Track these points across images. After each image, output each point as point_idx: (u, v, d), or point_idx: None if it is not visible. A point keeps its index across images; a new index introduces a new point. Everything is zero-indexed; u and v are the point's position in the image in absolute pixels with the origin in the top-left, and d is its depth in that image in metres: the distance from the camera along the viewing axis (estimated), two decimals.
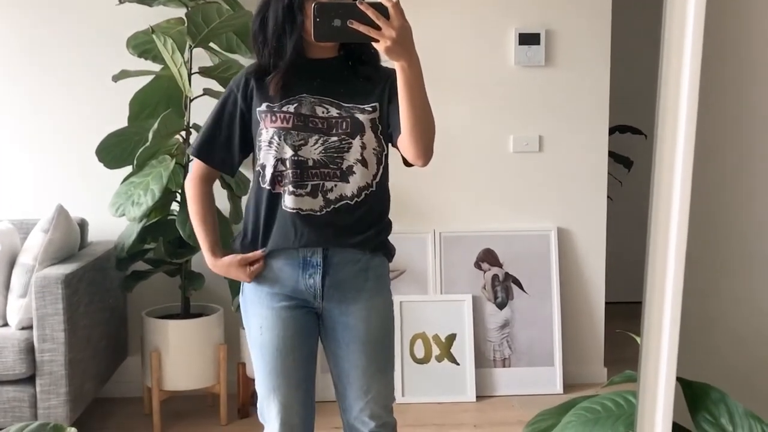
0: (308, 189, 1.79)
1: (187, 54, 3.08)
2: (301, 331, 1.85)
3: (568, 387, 3.48)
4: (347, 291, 1.84)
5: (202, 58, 3.22)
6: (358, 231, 1.82)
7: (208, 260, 1.93)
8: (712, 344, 1.47)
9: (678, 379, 1.15)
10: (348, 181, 1.79)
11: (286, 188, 1.79)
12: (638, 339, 1.42)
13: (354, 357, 1.86)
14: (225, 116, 1.86)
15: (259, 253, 1.84)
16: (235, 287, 3.17)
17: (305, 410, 1.89)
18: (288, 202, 1.79)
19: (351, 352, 1.86)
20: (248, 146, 1.88)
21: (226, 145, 1.87)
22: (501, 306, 3.52)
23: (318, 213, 1.79)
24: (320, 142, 1.78)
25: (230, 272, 1.88)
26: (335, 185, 1.79)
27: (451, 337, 3.45)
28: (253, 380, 3.20)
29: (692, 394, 1.32)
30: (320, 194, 1.79)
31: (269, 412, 1.87)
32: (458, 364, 3.43)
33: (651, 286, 1.12)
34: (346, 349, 1.86)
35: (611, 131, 3.72)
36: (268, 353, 1.85)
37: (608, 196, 3.66)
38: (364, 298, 1.85)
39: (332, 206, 1.79)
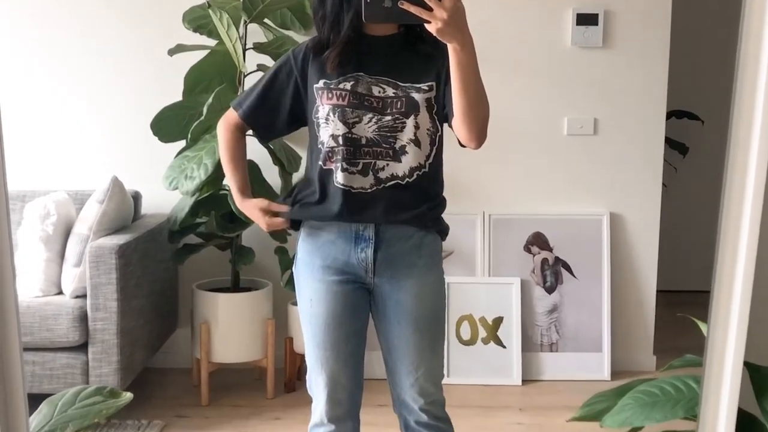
0: (359, 167, 1.78)
1: (242, 29, 3.09)
2: (350, 306, 1.85)
3: (615, 374, 3.44)
4: (399, 267, 1.83)
5: (256, 33, 3.23)
6: (410, 207, 1.80)
7: (236, 199, 1.95)
8: None
9: (745, 363, 1.12)
10: (400, 161, 1.78)
11: (338, 165, 1.78)
12: (700, 324, 1.39)
13: (405, 334, 1.84)
14: (276, 85, 1.86)
15: (285, 207, 1.88)
16: (284, 263, 3.20)
17: (353, 385, 1.88)
18: (339, 178, 1.78)
19: (402, 329, 1.84)
20: (295, 120, 1.88)
21: (272, 113, 1.87)
22: (550, 290, 3.48)
23: (368, 191, 1.78)
24: (374, 120, 1.76)
25: (254, 214, 1.91)
26: (387, 164, 1.78)
27: (498, 320, 3.43)
28: (301, 355, 3.24)
29: (759, 379, 1.29)
30: (371, 173, 1.78)
31: (317, 385, 1.87)
32: (504, 347, 3.41)
33: (720, 269, 1.09)
34: (396, 326, 1.85)
35: (667, 116, 3.64)
36: (316, 326, 1.85)
37: (663, 183, 3.59)
38: (416, 274, 1.84)
39: (382, 185, 1.78)
